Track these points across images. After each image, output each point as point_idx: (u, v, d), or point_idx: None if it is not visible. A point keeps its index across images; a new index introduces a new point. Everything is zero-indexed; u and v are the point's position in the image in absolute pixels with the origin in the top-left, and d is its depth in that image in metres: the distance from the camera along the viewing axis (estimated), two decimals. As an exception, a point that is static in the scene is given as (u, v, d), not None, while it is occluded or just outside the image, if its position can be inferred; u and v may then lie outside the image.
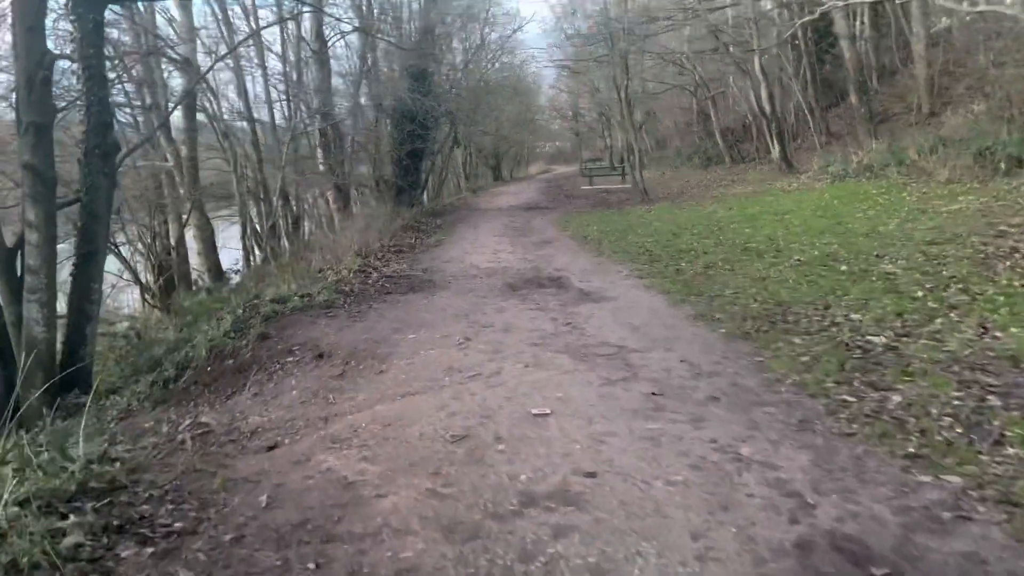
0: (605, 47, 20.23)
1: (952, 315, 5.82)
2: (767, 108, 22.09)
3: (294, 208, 23.13)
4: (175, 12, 15.78)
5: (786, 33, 21.04)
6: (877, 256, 8.61)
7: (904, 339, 5.40)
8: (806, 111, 25.82)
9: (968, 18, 26.95)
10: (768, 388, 4.73)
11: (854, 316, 6.19)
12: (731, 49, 22.85)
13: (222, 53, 20.18)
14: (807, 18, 18.28)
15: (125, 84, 14.53)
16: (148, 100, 15.45)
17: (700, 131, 37.48)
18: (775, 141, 21.99)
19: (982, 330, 5.40)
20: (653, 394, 4.67)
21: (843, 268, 8.44)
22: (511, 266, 10.69)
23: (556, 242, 13.03)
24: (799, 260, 9.18)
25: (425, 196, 26.33)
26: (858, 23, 27.57)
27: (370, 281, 9.70)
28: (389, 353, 6.21)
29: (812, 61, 27.03)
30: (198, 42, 16.95)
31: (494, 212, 20.68)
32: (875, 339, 5.48)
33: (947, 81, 24.08)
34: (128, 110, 15.25)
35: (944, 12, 27.50)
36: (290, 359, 6.35)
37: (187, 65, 14.17)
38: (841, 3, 17.43)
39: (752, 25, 21.48)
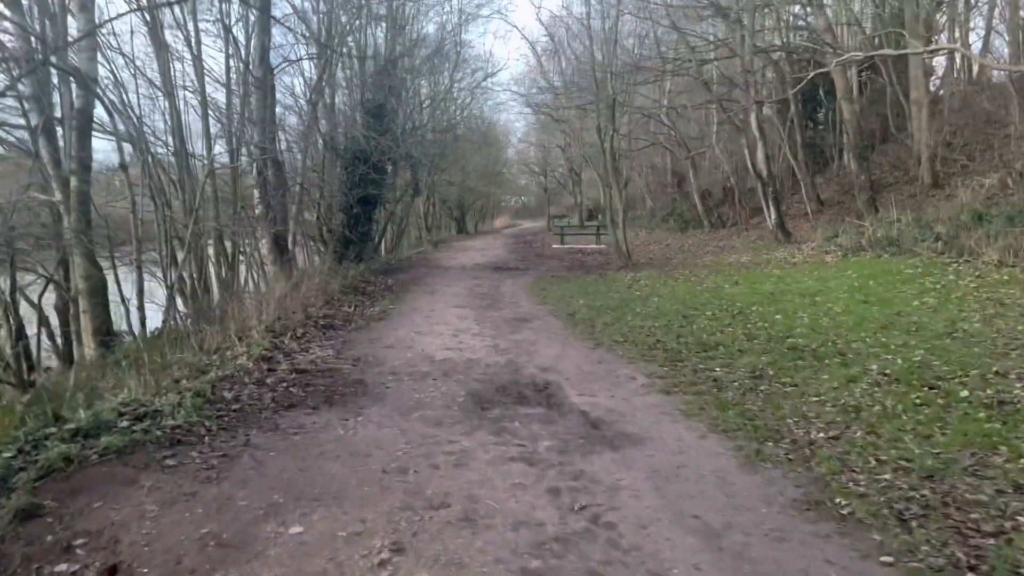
0: (590, 93, 17.60)
1: None
2: (763, 170, 19.65)
3: (229, 258, 19.87)
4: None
5: (791, 89, 18.79)
6: (999, 374, 5.91)
7: None
8: (799, 176, 23.56)
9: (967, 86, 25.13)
10: None
11: None
12: (722, 104, 20.46)
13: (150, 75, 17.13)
14: (817, 71, 15.91)
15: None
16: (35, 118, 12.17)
17: (675, 192, 35.25)
18: (771, 206, 19.50)
19: None
20: None
21: (964, 394, 5.61)
22: (477, 358, 7.60)
23: (535, 320, 9.99)
24: (885, 375, 6.31)
25: (383, 247, 23.24)
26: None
27: (271, 380, 6.51)
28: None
29: (802, 123, 24.95)
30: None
31: (457, 272, 17.64)
32: None
33: (945, 151, 22.00)
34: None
35: (946, 82, 25.71)
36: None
37: (77, 75, 11.00)
38: (843, 58, 15.14)
39: (748, 76, 19.24)
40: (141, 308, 12.50)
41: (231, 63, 18.03)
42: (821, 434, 4.91)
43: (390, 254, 23.58)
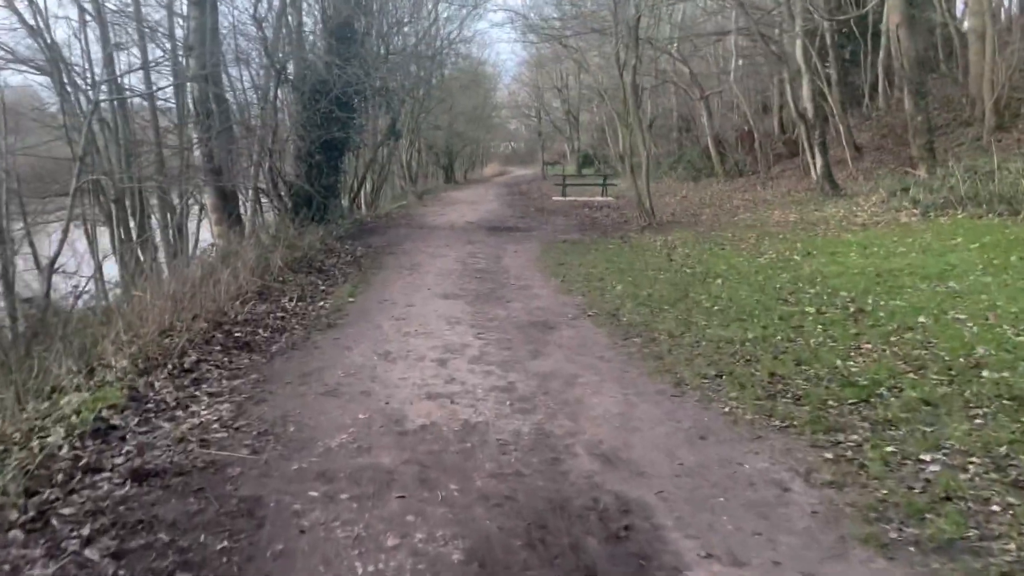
0: (605, 12, 13.82)
1: None
2: (808, 108, 16.03)
3: (177, 213, 16.20)
4: None
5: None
6: None
7: None
8: (834, 117, 19.95)
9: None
10: None
11: None
12: (760, 30, 16.66)
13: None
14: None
15: None
16: None
17: (682, 137, 31.49)
18: (816, 152, 15.95)
19: None
20: None
21: None
22: (481, 424, 4.19)
23: (562, 326, 6.52)
24: None
25: (360, 202, 19.52)
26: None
27: (61, 521, 3.06)
28: None
29: (838, 56, 21.20)
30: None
31: (445, 234, 14.06)
32: None
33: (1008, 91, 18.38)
34: None
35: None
36: None
37: None
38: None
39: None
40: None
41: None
42: None
43: (369, 209, 19.89)
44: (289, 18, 12.49)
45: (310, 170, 12.56)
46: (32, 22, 13.23)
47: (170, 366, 5.02)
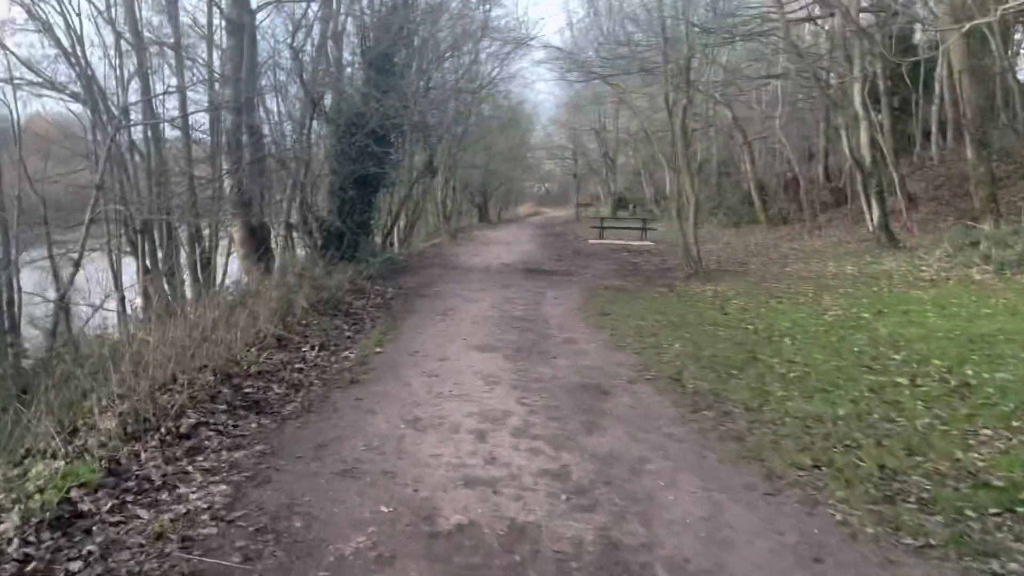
0: (657, 52, 13.15)
1: None
2: (865, 156, 15.12)
3: (206, 245, 15.72)
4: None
5: (898, 59, 14.27)
6: None
7: None
8: (890, 167, 18.98)
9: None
10: None
11: None
12: (816, 75, 15.85)
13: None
14: (973, 23, 11.41)
15: None
16: None
17: (721, 182, 30.63)
18: (874, 202, 15.00)
19: None
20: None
21: None
22: (532, 527, 3.32)
23: (617, 391, 5.62)
24: None
25: (393, 239, 18.90)
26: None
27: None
28: None
29: (890, 103, 20.30)
30: None
31: (480, 275, 13.31)
32: None
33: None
34: None
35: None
36: None
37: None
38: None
39: (848, 43, 14.81)
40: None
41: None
42: None
43: (403, 246, 19.28)
44: (328, 49, 12.00)
45: (343, 205, 11.93)
46: (68, 47, 12.96)
47: (163, 430, 4.25)
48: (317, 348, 6.61)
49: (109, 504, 3.41)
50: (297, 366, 6.02)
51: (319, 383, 5.63)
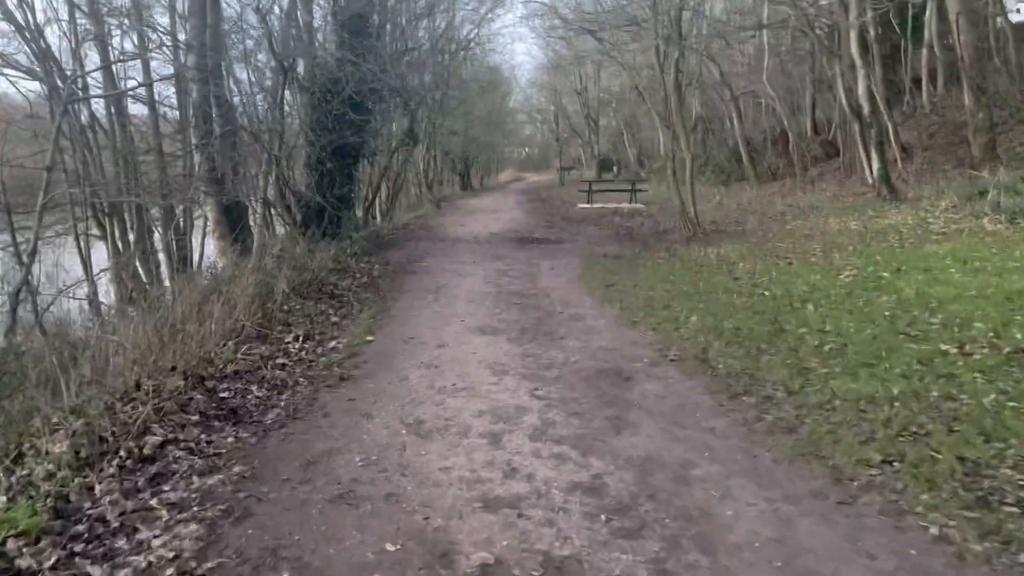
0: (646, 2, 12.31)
1: None
2: (864, 105, 14.46)
3: (181, 225, 14.86)
4: None
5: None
6: None
7: None
8: (885, 116, 18.37)
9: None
10: None
11: None
12: (809, 20, 15.09)
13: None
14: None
15: None
16: None
17: (707, 139, 29.90)
18: (874, 154, 14.38)
19: None
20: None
21: None
22: (572, 556, 2.73)
23: (638, 376, 5.00)
24: None
25: (375, 212, 18.10)
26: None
27: None
28: None
29: (883, 53, 19.62)
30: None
31: (469, 246, 12.60)
32: None
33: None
34: None
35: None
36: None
37: None
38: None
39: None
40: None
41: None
42: None
43: (384, 219, 18.48)
44: (298, 12, 11.09)
45: (321, 179, 11.13)
46: (22, 21, 11.92)
47: (123, 453, 3.58)
48: (301, 338, 5.93)
49: (53, 558, 2.76)
50: (279, 361, 5.34)
51: (305, 381, 4.96)
